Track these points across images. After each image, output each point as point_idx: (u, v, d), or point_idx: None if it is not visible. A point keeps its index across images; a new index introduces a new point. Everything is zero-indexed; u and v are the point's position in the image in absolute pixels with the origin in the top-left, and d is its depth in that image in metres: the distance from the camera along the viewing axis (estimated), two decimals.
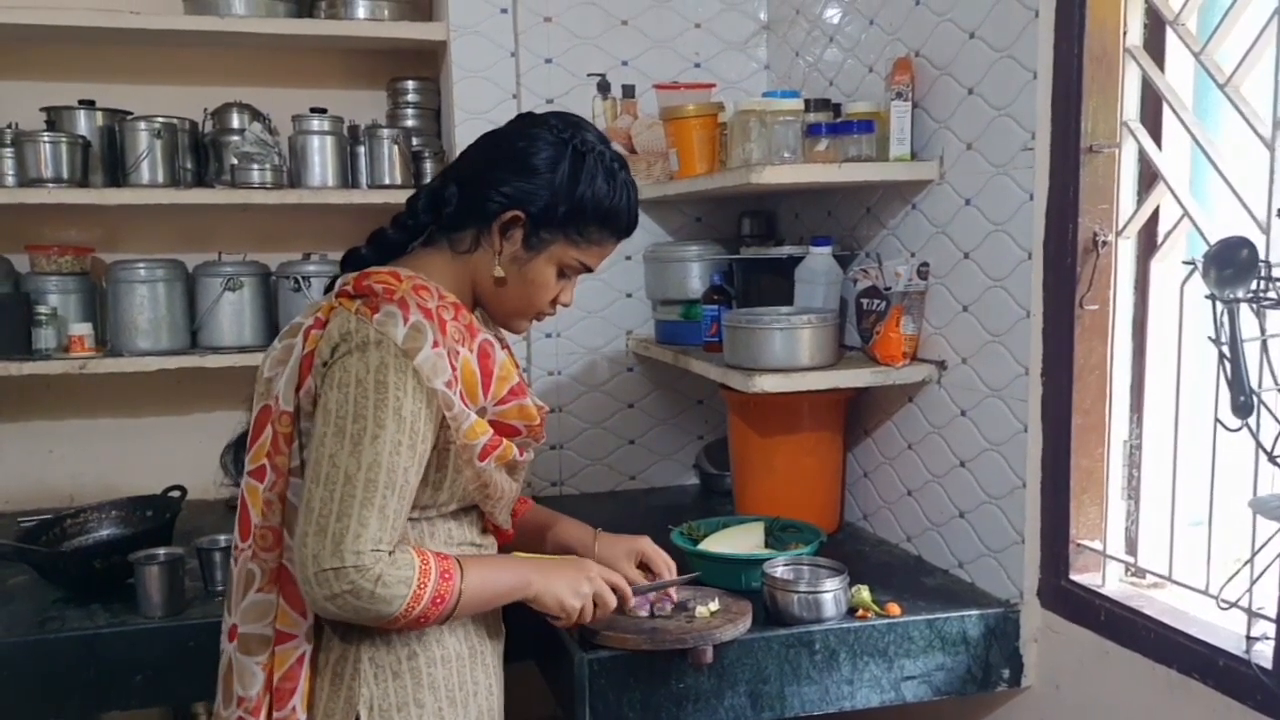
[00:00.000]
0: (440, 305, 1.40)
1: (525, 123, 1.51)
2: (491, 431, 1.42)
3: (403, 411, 1.32)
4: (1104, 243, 1.74)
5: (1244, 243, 1.39)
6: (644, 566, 1.73)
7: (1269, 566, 1.45)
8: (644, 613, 1.73)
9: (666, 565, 1.74)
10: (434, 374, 1.34)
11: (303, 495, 1.33)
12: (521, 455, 1.49)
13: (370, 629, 1.39)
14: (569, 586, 1.51)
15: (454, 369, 1.37)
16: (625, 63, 2.76)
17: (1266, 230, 1.45)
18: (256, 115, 2.67)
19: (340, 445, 1.30)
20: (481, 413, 1.42)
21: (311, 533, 1.29)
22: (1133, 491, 1.79)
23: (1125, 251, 1.77)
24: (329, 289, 1.51)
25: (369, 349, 1.32)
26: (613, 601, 1.56)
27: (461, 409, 1.37)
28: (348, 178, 2.68)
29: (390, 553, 1.31)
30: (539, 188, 1.43)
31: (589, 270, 1.53)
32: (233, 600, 1.43)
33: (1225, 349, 1.40)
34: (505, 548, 1.61)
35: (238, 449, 1.53)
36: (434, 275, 1.46)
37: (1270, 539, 1.44)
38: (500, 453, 1.43)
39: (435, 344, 1.35)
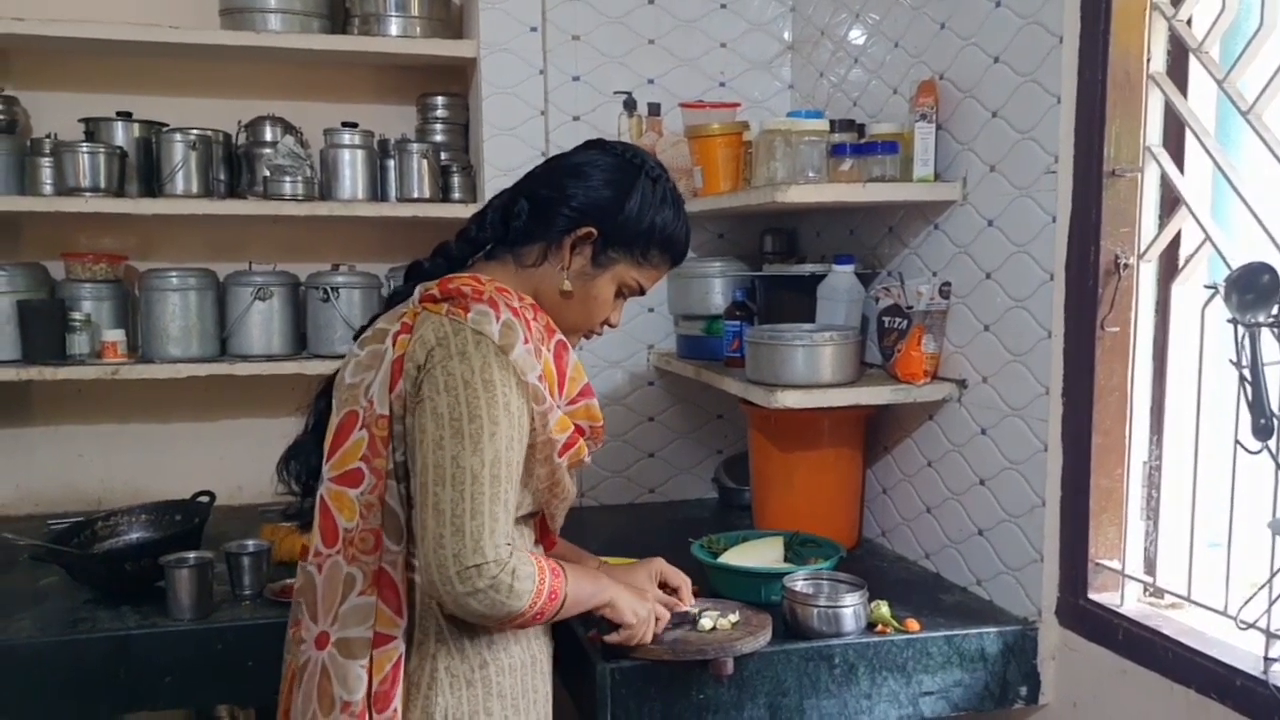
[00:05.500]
0: (521, 305, 1.45)
1: (596, 147, 1.56)
2: (573, 427, 1.46)
3: (510, 407, 1.36)
4: (1125, 265, 1.75)
5: (1266, 268, 1.41)
6: (663, 585, 1.77)
7: None
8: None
9: (683, 580, 1.78)
10: (528, 369, 1.39)
11: (422, 499, 1.35)
12: (587, 456, 1.52)
13: (445, 639, 1.42)
14: (636, 597, 1.61)
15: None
16: (651, 81, 2.80)
17: None
18: (289, 128, 2.72)
19: (461, 446, 1.33)
20: None
21: (449, 533, 1.31)
22: (1152, 512, 1.80)
23: (1147, 274, 1.78)
24: (397, 297, 1.54)
25: (469, 350, 1.36)
26: (666, 616, 1.68)
27: (550, 403, 1.42)
28: (377, 191, 2.72)
29: (510, 547, 1.35)
30: (613, 207, 1.49)
31: (642, 293, 1.59)
32: (319, 607, 1.42)
33: (1246, 372, 1.42)
34: None
35: (295, 457, 1.56)
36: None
37: None
38: (575, 451, 1.47)
39: (525, 340, 1.40)
